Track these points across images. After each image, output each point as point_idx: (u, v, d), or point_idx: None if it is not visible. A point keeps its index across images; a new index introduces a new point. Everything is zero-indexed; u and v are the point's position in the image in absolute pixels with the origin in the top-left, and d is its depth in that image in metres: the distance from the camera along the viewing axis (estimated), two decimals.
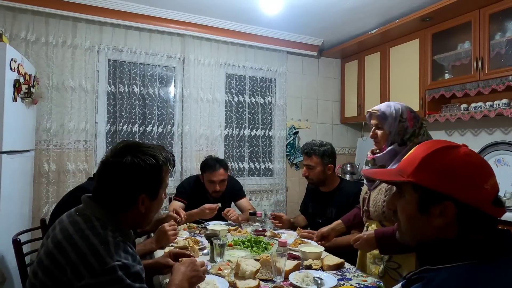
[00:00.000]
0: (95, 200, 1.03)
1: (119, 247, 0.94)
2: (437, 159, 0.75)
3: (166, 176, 1.10)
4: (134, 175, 1.01)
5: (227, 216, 2.32)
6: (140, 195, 1.03)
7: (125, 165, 1.00)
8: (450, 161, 0.74)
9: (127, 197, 1.02)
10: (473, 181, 0.72)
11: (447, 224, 0.74)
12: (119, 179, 1.02)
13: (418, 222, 0.77)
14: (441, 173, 0.74)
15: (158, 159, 1.05)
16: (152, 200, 1.07)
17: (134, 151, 1.04)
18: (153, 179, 1.05)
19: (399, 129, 1.51)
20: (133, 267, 0.94)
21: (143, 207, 1.05)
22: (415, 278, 0.74)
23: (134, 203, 1.03)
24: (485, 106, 2.63)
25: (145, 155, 1.03)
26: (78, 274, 0.87)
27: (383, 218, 1.53)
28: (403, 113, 1.52)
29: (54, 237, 0.97)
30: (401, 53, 3.28)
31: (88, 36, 2.98)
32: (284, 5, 2.94)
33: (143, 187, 1.03)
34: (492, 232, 0.74)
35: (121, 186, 1.02)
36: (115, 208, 1.02)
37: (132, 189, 1.02)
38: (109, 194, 1.02)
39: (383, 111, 1.53)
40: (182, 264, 1.21)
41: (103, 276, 0.88)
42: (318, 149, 2.18)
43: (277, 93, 3.76)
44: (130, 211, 1.04)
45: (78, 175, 2.92)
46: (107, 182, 1.03)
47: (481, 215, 0.72)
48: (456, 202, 0.72)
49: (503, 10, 2.44)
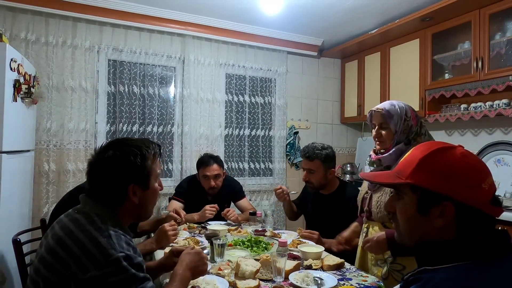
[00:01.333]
0: (91, 198, 1.05)
1: (121, 239, 0.96)
2: (435, 160, 0.76)
3: (154, 165, 1.11)
4: (117, 167, 1.03)
5: (227, 216, 2.32)
6: (129, 185, 1.04)
7: (107, 158, 1.04)
8: (447, 162, 0.75)
9: (116, 189, 1.04)
10: (471, 181, 0.73)
11: (447, 225, 0.74)
12: (104, 174, 1.04)
13: (418, 223, 0.78)
14: (439, 174, 0.74)
15: (141, 148, 1.07)
16: (144, 190, 1.08)
17: (116, 145, 1.07)
18: (139, 168, 1.06)
19: (404, 127, 1.48)
20: (135, 258, 0.96)
21: (136, 198, 1.06)
22: (412, 279, 0.74)
23: (125, 195, 1.04)
24: (485, 106, 2.63)
25: (127, 146, 1.06)
26: (82, 267, 0.88)
27: (388, 220, 1.48)
28: (407, 112, 1.50)
29: (54, 234, 0.97)
30: (401, 53, 3.28)
31: (88, 36, 2.98)
32: (284, 5, 2.94)
33: (129, 177, 1.05)
34: (490, 232, 0.74)
35: (108, 179, 1.04)
36: (110, 203, 1.04)
37: (119, 180, 1.04)
38: (100, 190, 1.04)
39: (388, 110, 1.50)
40: (187, 253, 1.21)
41: (108, 267, 0.89)
42: (320, 153, 2.10)
43: (277, 93, 3.76)
44: (125, 203, 1.05)
45: (78, 175, 2.92)
46: (95, 179, 1.06)
47: (480, 215, 0.73)
48: (455, 202, 0.72)
49: (503, 10, 2.44)
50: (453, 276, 0.68)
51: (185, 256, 1.20)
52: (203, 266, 1.20)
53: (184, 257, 1.19)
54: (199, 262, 1.19)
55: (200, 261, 1.20)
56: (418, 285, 0.71)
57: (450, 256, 0.72)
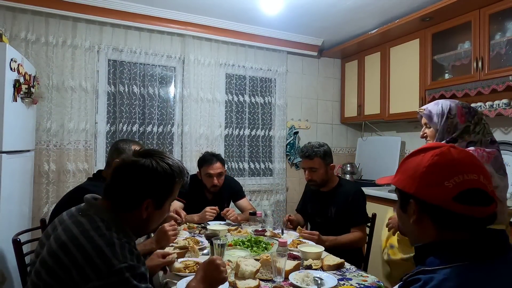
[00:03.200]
0: (105, 195, 1.05)
1: (125, 249, 0.95)
2: (407, 162, 0.83)
3: (176, 189, 1.11)
4: (146, 177, 1.04)
5: (226, 216, 2.32)
6: (146, 199, 1.04)
7: (141, 165, 1.04)
8: (414, 162, 0.80)
9: (134, 197, 1.04)
10: (431, 178, 0.76)
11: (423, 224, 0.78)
12: (131, 177, 1.04)
13: (403, 220, 0.85)
14: (405, 173, 0.81)
15: (174, 168, 1.07)
16: (156, 209, 1.07)
17: (154, 155, 1.07)
18: (163, 186, 1.07)
19: (448, 125, 1.50)
20: (139, 268, 0.95)
21: (146, 213, 1.05)
22: (411, 280, 0.74)
23: (138, 206, 1.04)
24: (485, 106, 2.63)
25: (163, 162, 1.06)
26: (84, 276, 0.88)
27: None
28: (451, 110, 1.51)
29: (57, 237, 0.96)
30: (401, 53, 3.28)
31: (88, 36, 2.98)
32: (284, 5, 2.94)
33: (151, 191, 1.05)
34: (481, 232, 0.74)
35: (131, 184, 1.04)
36: (120, 206, 1.03)
37: (141, 190, 1.04)
38: (119, 190, 1.04)
39: (430, 109, 1.55)
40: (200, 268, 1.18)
41: (110, 277, 0.88)
42: (319, 150, 2.14)
43: (277, 93, 3.76)
44: (133, 213, 1.04)
45: (78, 175, 2.92)
46: (120, 178, 1.06)
47: (450, 214, 0.74)
48: (417, 200, 0.78)
49: (503, 10, 2.43)
50: (451, 276, 0.69)
51: (199, 269, 1.18)
52: (219, 274, 1.16)
53: (198, 271, 1.18)
54: (214, 271, 1.15)
55: (215, 270, 1.15)
56: (416, 286, 0.71)
57: (446, 257, 0.72)
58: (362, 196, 2.19)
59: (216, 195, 2.51)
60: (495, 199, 0.75)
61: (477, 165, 0.77)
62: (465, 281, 0.68)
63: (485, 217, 0.74)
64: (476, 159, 0.79)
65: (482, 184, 0.74)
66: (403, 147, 3.63)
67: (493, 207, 0.74)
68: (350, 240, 2.04)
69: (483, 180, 0.74)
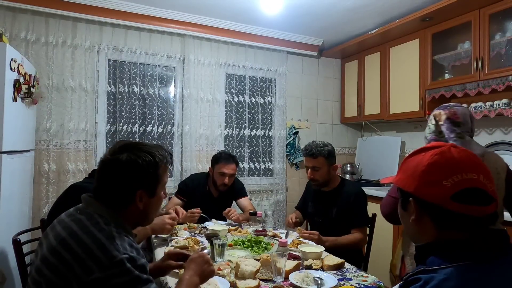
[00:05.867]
0: (96, 198, 1.05)
1: (125, 241, 0.96)
2: (408, 161, 0.84)
3: (164, 174, 1.12)
4: (130, 171, 1.04)
5: (228, 215, 2.33)
6: (137, 191, 1.05)
7: (122, 161, 1.03)
8: (415, 162, 0.81)
9: (125, 193, 1.05)
10: (430, 177, 0.76)
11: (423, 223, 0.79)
12: (116, 176, 1.04)
13: (404, 218, 0.86)
14: (406, 172, 0.82)
15: (155, 155, 1.08)
16: (150, 197, 1.08)
17: (131, 149, 1.07)
18: (150, 175, 1.07)
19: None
20: (139, 260, 0.96)
21: (141, 204, 1.06)
22: (412, 280, 0.74)
23: (132, 199, 1.05)
24: (485, 106, 2.63)
25: (142, 152, 1.06)
26: (86, 269, 0.89)
27: None
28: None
29: (56, 235, 0.97)
30: (401, 53, 3.28)
31: (88, 36, 2.98)
32: (284, 5, 2.94)
33: (140, 183, 1.05)
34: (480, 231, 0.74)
35: (119, 182, 1.04)
36: (115, 205, 1.04)
37: (130, 185, 1.04)
38: (108, 190, 1.05)
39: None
40: (191, 260, 1.20)
41: (112, 269, 0.89)
42: (323, 149, 2.12)
43: (277, 93, 3.76)
44: (130, 207, 1.06)
45: (78, 175, 2.92)
46: (106, 179, 1.06)
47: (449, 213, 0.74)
48: (416, 198, 0.78)
49: (503, 10, 2.44)
50: (452, 276, 0.68)
51: (189, 263, 1.19)
52: (209, 267, 1.19)
53: (189, 264, 1.19)
54: (204, 265, 1.18)
55: (205, 264, 1.19)
56: (417, 285, 0.71)
57: (446, 256, 0.72)
58: (364, 198, 2.19)
59: (221, 192, 2.53)
60: (496, 198, 0.75)
61: (478, 165, 0.76)
62: (465, 281, 0.68)
63: (484, 216, 0.73)
64: (477, 159, 0.78)
65: (482, 184, 0.74)
66: (403, 147, 3.63)
67: (493, 206, 0.74)
68: (351, 242, 2.04)
69: (483, 180, 0.74)
